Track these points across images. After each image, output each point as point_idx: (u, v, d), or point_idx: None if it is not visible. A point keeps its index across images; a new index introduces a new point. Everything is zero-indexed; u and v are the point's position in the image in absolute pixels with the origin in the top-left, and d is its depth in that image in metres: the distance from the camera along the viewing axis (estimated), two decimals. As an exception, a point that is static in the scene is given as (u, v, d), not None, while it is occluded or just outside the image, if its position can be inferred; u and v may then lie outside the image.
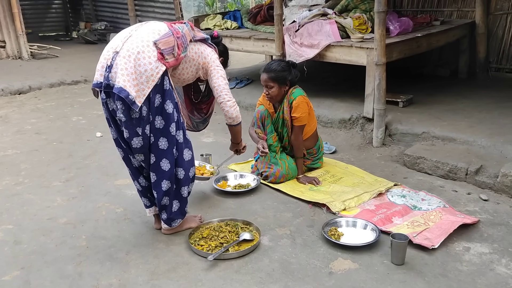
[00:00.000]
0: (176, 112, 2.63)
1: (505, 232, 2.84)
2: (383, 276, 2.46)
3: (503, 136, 3.84)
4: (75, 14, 12.50)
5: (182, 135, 2.70)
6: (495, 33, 5.76)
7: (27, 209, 3.32)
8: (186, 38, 2.64)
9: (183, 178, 2.76)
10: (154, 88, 2.49)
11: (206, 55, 2.79)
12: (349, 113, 4.76)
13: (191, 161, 2.79)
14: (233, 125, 2.95)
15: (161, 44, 2.50)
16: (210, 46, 2.86)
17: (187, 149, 2.75)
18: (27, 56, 8.80)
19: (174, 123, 2.61)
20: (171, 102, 2.58)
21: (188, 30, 2.69)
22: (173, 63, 2.57)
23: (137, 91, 2.43)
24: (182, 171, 2.74)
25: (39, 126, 5.25)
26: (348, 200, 3.23)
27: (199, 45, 2.79)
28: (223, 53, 3.09)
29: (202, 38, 2.80)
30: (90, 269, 2.60)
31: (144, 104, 2.48)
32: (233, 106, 2.83)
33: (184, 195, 2.82)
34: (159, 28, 2.59)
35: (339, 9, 5.50)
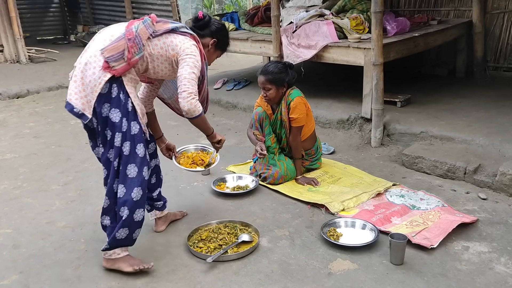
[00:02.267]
0: (127, 122, 2.41)
1: (504, 231, 2.84)
2: (382, 276, 2.46)
3: (501, 135, 3.84)
4: (73, 18, 12.51)
5: (129, 147, 2.42)
6: (492, 32, 5.77)
7: (25, 213, 3.31)
8: (140, 38, 2.42)
9: (123, 197, 2.43)
10: (101, 98, 2.38)
11: (175, 45, 2.52)
12: (347, 114, 4.76)
13: (136, 180, 2.43)
14: (190, 119, 2.58)
15: (107, 51, 2.37)
16: (183, 34, 2.55)
17: (132, 165, 2.43)
18: (25, 60, 8.80)
19: (120, 133, 2.40)
20: (118, 111, 2.39)
21: (146, 27, 2.46)
22: (124, 68, 2.39)
23: (83, 103, 2.38)
24: (123, 189, 2.43)
25: (37, 130, 5.25)
26: (346, 200, 3.23)
27: (165, 38, 2.51)
28: (216, 33, 2.75)
29: (166, 30, 2.52)
30: (89, 272, 2.59)
31: (94, 116, 2.41)
32: (186, 98, 2.46)
33: (123, 217, 2.44)
34: (112, 33, 2.45)
35: (336, 9, 5.51)
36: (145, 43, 2.45)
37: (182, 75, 2.48)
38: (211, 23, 2.74)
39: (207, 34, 2.73)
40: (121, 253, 2.55)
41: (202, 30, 2.72)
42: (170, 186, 3.59)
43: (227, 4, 15.12)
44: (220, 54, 2.88)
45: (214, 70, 7.88)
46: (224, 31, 2.81)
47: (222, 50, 2.85)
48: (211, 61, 2.83)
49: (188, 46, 2.52)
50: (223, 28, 2.82)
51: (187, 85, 2.46)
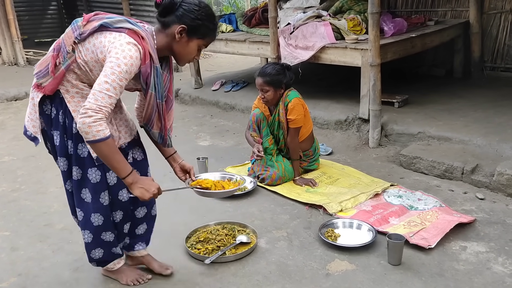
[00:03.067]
0: (72, 144, 2.13)
1: (502, 231, 2.85)
2: (380, 276, 2.47)
3: (498, 135, 3.85)
4: (71, 20, 12.46)
5: (80, 172, 2.17)
6: (489, 32, 5.78)
7: (23, 216, 3.31)
8: (64, 44, 2.03)
9: (82, 221, 2.28)
10: (47, 119, 2.15)
11: (103, 47, 1.98)
12: (345, 114, 4.76)
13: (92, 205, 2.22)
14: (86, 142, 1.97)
15: (36, 67, 2.12)
16: (117, 30, 2.00)
17: (86, 189, 2.20)
18: (23, 62, 8.80)
19: (64, 158, 2.17)
20: (58, 133, 2.13)
21: (73, 29, 2.03)
22: (52, 84, 2.06)
23: (34, 125, 2.16)
24: (81, 213, 2.26)
25: (35, 132, 5.23)
26: (344, 201, 3.24)
27: (94, 39, 2.00)
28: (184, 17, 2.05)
29: (93, 29, 2.00)
30: (87, 274, 2.59)
31: (46, 139, 2.24)
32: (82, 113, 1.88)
33: (85, 240, 2.32)
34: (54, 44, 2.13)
35: (334, 10, 5.52)
36: (70, 49, 2.02)
37: (95, 85, 1.92)
38: (177, 5, 2.05)
39: (173, 20, 2.06)
40: (116, 265, 2.47)
41: (165, 16, 2.08)
42: (168, 188, 3.59)
43: (225, 5, 15.12)
44: (202, 43, 2.16)
45: (212, 72, 7.89)
46: (195, 11, 2.06)
47: (201, 37, 2.12)
48: (188, 56, 2.16)
49: (117, 45, 1.94)
50: (195, 8, 2.06)
51: (90, 99, 1.90)
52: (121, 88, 1.95)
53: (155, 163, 2.61)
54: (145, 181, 2.10)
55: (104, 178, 2.20)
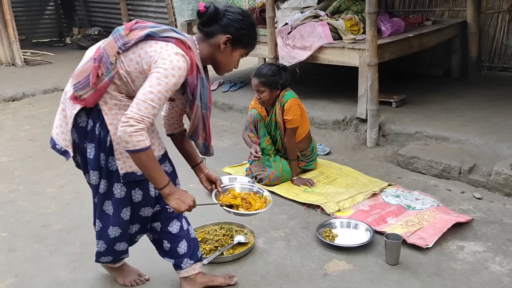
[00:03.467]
0: (104, 157, 2.07)
1: (499, 230, 2.85)
2: (378, 276, 2.47)
3: (495, 134, 3.86)
4: (68, 20, 12.49)
5: (106, 185, 2.13)
6: (487, 32, 5.79)
7: (21, 216, 3.31)
8: (107, 54, 1.95)
9: (99, 231, 2.27)
10: (81, 133, 2.07)
11: (149, 57, 1.92)
12: (343, 114, 4.77)
13: (113, 218, 2.19)
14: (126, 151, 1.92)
15: (74, 77, 2.03)
16: (164, 40, 1.95)
17: (109, 202, 2.17)
18: (21, 63, 8.78)
19: (96, 171, 2.10)
20: (93, 146, 2.06)
21: (115, 39, 1.96)
22: (93, 96, 1.97)
23: (65, 139, 2.10)
24: (100, 224, 2.25)
25: (33, 133, 5.24)
26: (342, 201, 3.24)
27: (139, 50, 1.94)
28: (229, 26, 2.02)
29: (139, 38, 1.93)
30: (84, 275, 2.59)
31: (78, 153, 2.14)
32: (123, 122, 1.84)
33: (97, 249, 2.33)
34: (90, 53, 2.06)
35: (331, 10, 5.52)
36: (113, 60, 1.95)
37: (139, 94, 1.87)
38: (221, 14, 2.03)
39: (217, 30, 2.03)
40: (115, 264, 2.47)
41: (208, 26, 2.04)
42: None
43: (223, 5, 15.10)
44: (244, 52, 2.14)
45: (209, 72, 7.87)
46: (240, 21, 2.04)
47: (244, 47, 2.11)
48: (230, 65, 2.15)
49: (165, 56, 1.89)
50: (239, 17, 2.05)
51: (132, 108, 1.85)
52: (165, 100, 1.90)
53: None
54: (182, 193, 2.08)
55: (129, 195, 2.15)
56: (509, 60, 5.72)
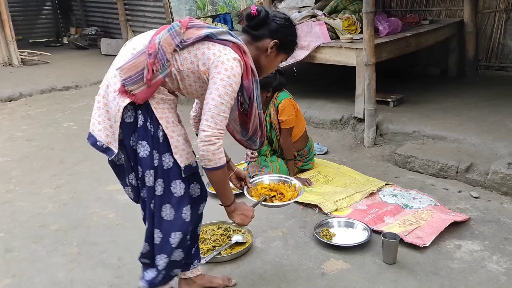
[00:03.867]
0: (158, 155, 1.98)
1: (496, 229, 2.86)
2: (375, 275, 2.47)
3: (492, 133, 3.87)
4: (65, 20, 12.46)
5: (163, 186, 2.01)
6: (484, 31, 5.80)
7: (18, 217, 3.30)
8: (164, 51, 1.91)
9: (159, 244, 2.08)
10: (128, 128, 1.96)
11: (206, 59, 1.92)
12: (340, 114, 4.77)
13: (173, 222, 2.06)
14: (203, 168, 1.96)
15: (124, 71, 1.92)
16: (221, 43, 1.94)
17: (168, 205, 2.04)
18: (18, 63, 8.75)
19: (152, 170, 1.98)
20: (146, 144, 1.96)
21: (171, 35, 1.92)
22: (145, 92, 1.91)
23: (108, 135, 1.97)
24: (159, 234, 2.07)
25: (30, 133, 5.22)
26: (340, 200, 3.24)
27: (196, 50, 1.93)
28: (277, 32, 2.05)
29: (198, 38, 1.92)
30: (81, 275, 2.59)
31: (121, 150, 2.00)
32: (203, 141, 1.88)
33: (159, 267, 2.12)
34: (135, 45, 1.99)
35: (329, 10, 5.53)
36: (170, 57, 1.92)
37: (208, 104, 1.89)
38: (270, 19, 2.05)
39: (265, 34, 2.05)
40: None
41: (257, 30, 2.06)
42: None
43: (221, 5, 15.12)
44: (286, 57, 2.19)
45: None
46: (288, 27, 2.09)
47: (287, 52, 2.16)
48: (271, 69, 2.20)
49: (224, 60, 1.89)
50: (287, 23, 2.09)
51: (209, 123, 1.88)
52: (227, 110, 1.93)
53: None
54: (243, 207, 2.14)
55: (188, 190, 2.07)
56: (506, 60, 5.74)
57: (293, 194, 2.36)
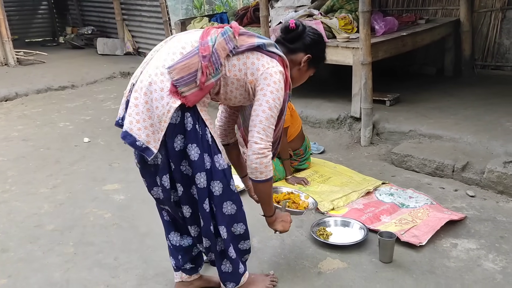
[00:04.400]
0: (209, 157, 1.98)
1: (492, 228, 2.87)
2: (372, 274, 2.47)
3: (488, 132, 3.87)
4: (61, 19, 12.41)
5: (221, 186, 2.02)
6: (480, 30, 5.81)
7: (14, 217, 3.29)
8: (218, 55, 1.90)
9: (227, 238, 2.11)
10: (172, 129, 1.91)
11: (256, 69, 1.96)
12: (337, 113, 4.77)
13: (234, 216, 2.10)
14: (252, 180, 2.06)
15: (176, 71, 1.87)
16: (269, 55, 2.00)
17: (229, 202, 2.06)
18: (14, 63, 8.72)
19: (203, 172, 1.97)
20: (196, 146, 1.94)
21: (225, 40, 1.92)
22: (195, 95, 1.89)
23: (149, 134, 1.90)
24: (224, 229, 2.08)
25: (26, 133, 5.20)
26: (336, 199, 3.25)
27: (245, 58, 1.96)
28: (311, 47, 2.16)
29: (250, 46, 1.96)
30: (77, 275, 2.58)
31: (159, 150, 1.94)
32: (256, 153, 1.95)
33: (232, 257, 2.15)
34: (184, 44, 1.94)
35: (325, 9, 5.53)
36: (223, 62, 1.93)
37: (259, 116, 1.94)
38: (305, 34, 2.15)
39: (300, 48, 2.15)
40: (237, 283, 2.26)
41: (293, 43, 2.16)
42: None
43: (218, 4, 15.09)
44: (313, 72, 2.28)
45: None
46: (321, 44, 2.22)
47: (316, 67, 2.26)
48: (300, 82, 2.27)
49: (272, 73, 1.95)
50: (320, 39, 2.21)
51: (261, 135, 1.95)
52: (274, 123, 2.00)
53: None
54: (282, 215, 2.30)
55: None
56: (502, 59, 5.75)
57: (304, 203, 2.59)
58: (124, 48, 9.60)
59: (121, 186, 3.69)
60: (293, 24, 2.14)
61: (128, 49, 9.54)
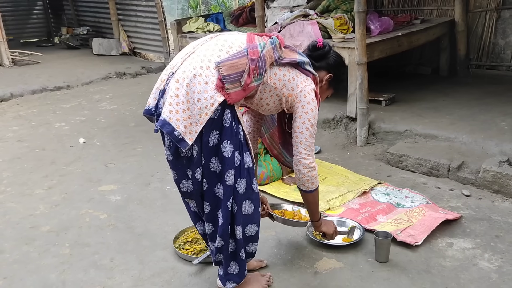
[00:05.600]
0: (239, 155, 2.04)
1: (487, 227, 2.88)
2: (368, 274, 2.48)
3: (483, 132, 3.89)
4: (56, 20, 12.37)
5: (245, 184, 2.08)
6: (475, 30, 5.84)
7: (9, 218, 3.27)
8: (265, 61, 2.01)
9: (241, 239, 2.16)
10: (209, 124, 1.95)
11: (295, 85, 2.10)
12: (333, 113, 4.78)
13: (251, 216, 2.15)
14: (302, 191, 2.26)
15: (225, 68, 1.93)
16: (305, 73, 2.15)
17: (248, 201, 2.12)
18: (9, 63, 8.68)
19: (233, 170, 2.03)
20: (231, 143, 2.00)
21: (273, 49, 2.04)
22: (237, 94, 1.96)
23: (186, 125, 1.92)
24: (239, 229, 2.14)
25: (21, 134, 5.18)
26: (332, 199, 3.25)
27: (286, 70, 2.10)
28: (334, 67, 2.32)
29: (292, 61, 2.10)
30: (73, 277, 2.57)
31: (195, 142, 1.97)
32: (307, 167, 2.16)
33: (242, 258, 2.21)
34: (231, 44, 2.02)
35: (321, 9, 5.54)
36: (267, 69, 2.04)
37: (303, 134, 2.13)
38: (330, 54, 2.31)
39: (323, 67, 2.29)
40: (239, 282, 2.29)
41: (318, 61, 2.29)
42: (156, 189, 3.58)
43: (213, 4, 15.09)
44: (331, 93, 2.44)
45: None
46: (342, 65, 2.39)
47: (335, 88, 2.41)
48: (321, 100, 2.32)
49: (309, 91, 2.11)
50: (342, 61, 2.39)
51: (308, 151, 2.15)
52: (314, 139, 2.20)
53: (143, 166, 2.60)
54: (326, 221, 2.55)
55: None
56: (496, 59, 5.77)
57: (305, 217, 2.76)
58: (120, 48, 9.57)
59: (117, 186, 3.68)
60: (320, 43, 2.28)
61: (123, 49, 9.52)
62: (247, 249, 2.24)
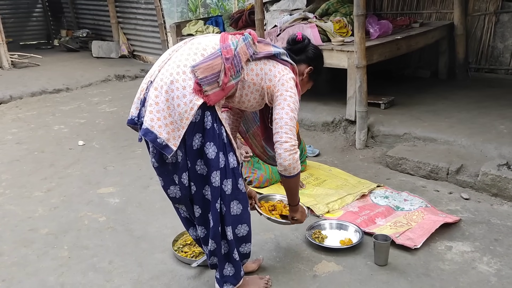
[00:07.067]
0: (223, 156, 2.06)
1: (486, 230, 2.88)
2: (367, 277, 2.48)
3: (482, 135, 3.89)
4: (56, 22, 12.38)
5: (231, 184, 2.11)
6: (474, 34, 5.85)
7: (8, 220, 3.27)
8: (240, 58, 2.03)
9: (232, 240, 2.18)
10: (192, 127, 1.98)
11: (273, 76, 2.11)
12: (332, 116, 4.78)
13: (240, 216, 2.18)
14: (284, 176, 2.16)
15: (200, 70, 1.95)
16: (283, 63, 2.16)
17: (236, 201, 2.15)
18: (8, 66, 8.68)
19: (218, 171, 2.05)
20: (214, 145, 2.02)
21: (246, 45, 2.06)
22: (216, 95, 1.98)
23: (169, 132, 1.94)
24: (230, 230, 2.15)
25: (20, 136, 5.18)
26: (331, 202, 3.25)
27: (263, 64, 2.12)
28: (313, 60, 2.35)
29: (268, 54, 2.12)
30: (72, 279, 2.57)
31: (179, 147, 1.99)
32: (289, 151, 2.06)
33: (236, 258, 2.23)
34: (205, 46, 2.04)
35: (320, 13, 5.55)
36: (243, 65, 2.05)
37: (283, 119, 2.07)
38: (309, 47, 2.34)
39: (303, 60, 2.33)
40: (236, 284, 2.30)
41: (298, 55, 2.32)
42: (155, 191, 3.57)
43: (213, 7, 15.11)
44: (311, 85, 2.49)
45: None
46: (321, 58, 2.41)
47: (315, 81, 2.46)
48: (301, 93, 2.34)
49: (287, 79, 2.11)
50: (321, 54, 2.39)
51: (290, 135, 2.07)
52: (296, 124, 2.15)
53: (142, 168, 2.59)
54: (302, 208, 2.46)
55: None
56: (495, 62, 5.79)
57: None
58: (119, 51, 9.58)
59: (116, 189, 3.68)
60: (300, 36, 2.31)
61: (123, 52, 9.54)
62: (241, 250, 2.27)
